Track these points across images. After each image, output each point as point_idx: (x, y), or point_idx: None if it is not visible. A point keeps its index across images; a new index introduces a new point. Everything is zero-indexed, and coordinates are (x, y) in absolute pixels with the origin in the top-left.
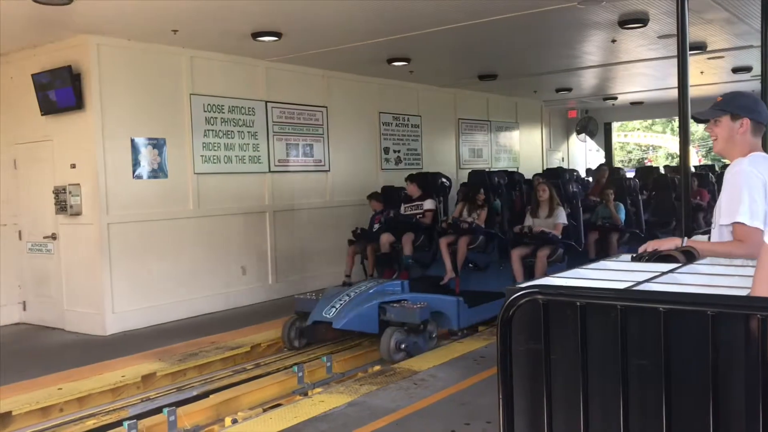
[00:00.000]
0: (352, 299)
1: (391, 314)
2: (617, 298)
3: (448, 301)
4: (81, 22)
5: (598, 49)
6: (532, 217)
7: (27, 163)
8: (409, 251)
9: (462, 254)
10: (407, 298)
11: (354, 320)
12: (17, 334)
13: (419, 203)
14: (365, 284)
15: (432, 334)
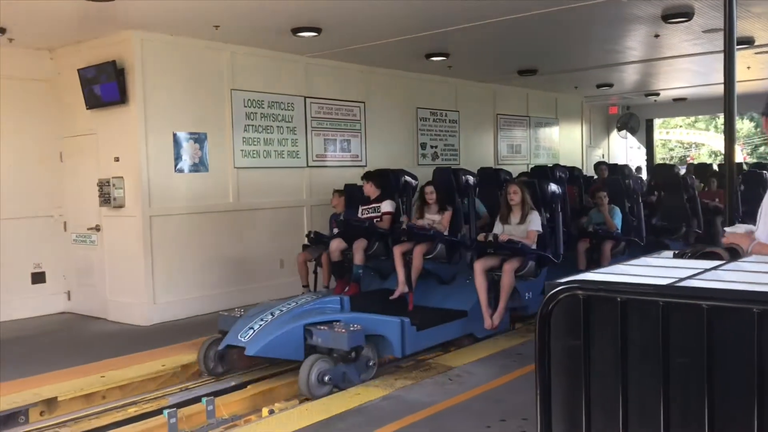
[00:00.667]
0: (275, 319)
1: (318, 338)
2: (659, 294)
3: (389, 323)
4: (125, 18)
5: (640, 44)
6: (502, 224)
7: (72, 156)
8: (360, 260)
9: (417, 265)
10: (341, 319)
11: (272, 346)
12: (62, 323)
13: (377, 205)
14: (296, 300)
15: (369, 362)
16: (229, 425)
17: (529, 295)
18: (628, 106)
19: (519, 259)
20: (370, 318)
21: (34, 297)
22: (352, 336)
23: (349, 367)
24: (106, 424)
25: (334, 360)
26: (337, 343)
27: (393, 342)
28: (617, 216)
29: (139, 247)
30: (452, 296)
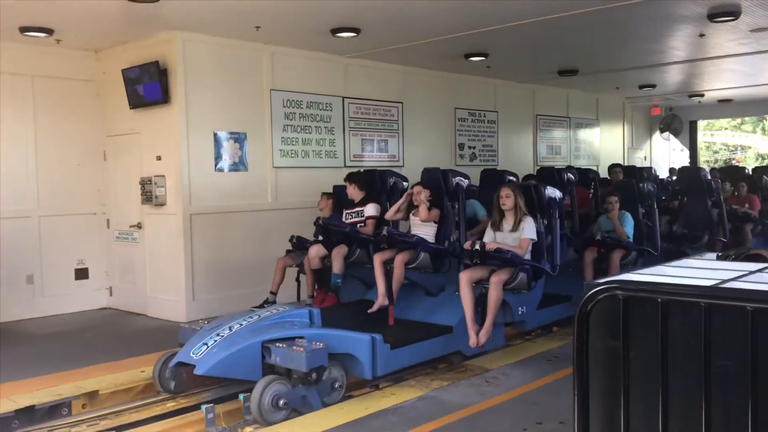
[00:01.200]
0: (231, 334)
1: (276, 357)
2: (701, 296)
3: (358, 341)
4: (168, 19)
5: (684, 44)
6: (493, 231)
7: (116, 155)
8: (339, 269)
9: (398, 275)
10: (304, 335)
11: (224, 364)
12: (104, 318)
13: (360, 209)
14: (260, 312)
15: (335, 383)
16: None
17: (522, 310)
18: (671, 108)
19: (509, 270)
20: (337, 334)
21: (78, 293)
22: (311, 355)
23: (310, 390)
24: (145, 417)
25: (293, 382)
26: (295, 363)
27: (362, 361)
28: (628, 223)
29: (179, 245)
30: (438, 310)
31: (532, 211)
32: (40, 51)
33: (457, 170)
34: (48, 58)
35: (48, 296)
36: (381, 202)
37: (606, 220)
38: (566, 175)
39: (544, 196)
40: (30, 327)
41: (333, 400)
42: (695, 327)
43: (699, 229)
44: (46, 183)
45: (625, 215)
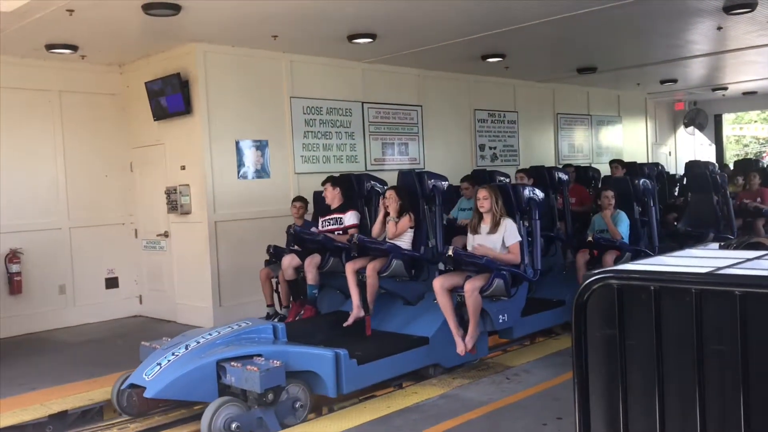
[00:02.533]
0: (186, 353)
1: (231, 377)
2: (692, 282)
3: (320, 357)
4: (188, 32)
5: (703, 38)
6: (472, 234)
7: (141, 166)
8: (313, 279)
9: (372, 284)
10: (262, 353)
11: (176, 386)
12: (135, 326)
13: (339, 216)
14: (220, 329)
15: (296, 404)
16: None
17: (503, 318)
18: (695, 102)
19: (484, 276)
20: (298, 351)
21: (109, 301)
22: (266, 375)
23: (267, 412)
24: (171, 421)
25: (249, 403)
26: (249, 384)
27: (326, 380)
28: (622, 222)
29: (205, 252)
30: (414, 320)
31: (510, 213)
32: (66, 67)
33: (434, 173)
34: (74, 74)
35: (80, 305)
36: (359, 208)
37: (600, 219)
38: (557, 174)
39: (523, 197)
40: (63, 335)
41: (295, 421)
42: (688, 313)
43: (704, 226)
44: (75, 195)
45: (620, 214)
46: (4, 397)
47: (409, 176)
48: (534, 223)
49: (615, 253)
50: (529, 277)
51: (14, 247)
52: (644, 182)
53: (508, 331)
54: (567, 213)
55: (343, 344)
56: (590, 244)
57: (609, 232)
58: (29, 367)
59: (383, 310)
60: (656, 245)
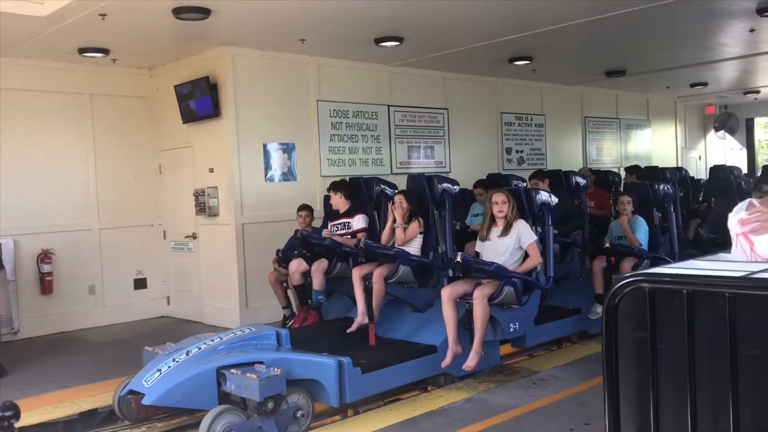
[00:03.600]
0: (187, 359)
1: (231, 385)
2: (726, 286)
3: (324, 366)
4: (217, 35)
5: (735, 40)
6: (482, 242)
7: (170, 168)
8: (319, 285)
9: (378, 291)
10: (264, 360)
11: (174, 393)
12: (163, 326)
13: (347, 220)
14: (223, 335)
15: (297, 413)
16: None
17: (514, 327)
18: (725, 105)
19: (494, 283)
20: (300, 359)
21: (137, 302)
22: (266, 383)
23: (268, 421)
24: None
25: (249, 412)
26: (248, 392)
27: (328, 388)
28: (640, 228)
29: (232, 254)
30: (423, 328)
31: (523, 218)
32: (97, 70)
33: (444, 176)
34: (105, 77)
35: (109, 306)
36: (367, 212)
37: (618, 225)
38: (575, 178)
39: (536, 201)
40: (92, 335)
41: (297, 430)
42: (721, 317)
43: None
44: (106, 197)
45: (638, 220)
46: (36, 395)
47: (418, 180)
48: (547, 229)
49: (633, 260)
50: (541, 284)
51: (46, 248)
52: (664, 187)
53: (520, 339)
54: (585, 218)
55: (348, 352)
56: (607, 251)
57: (627, 239)
58: (60, 365)
59: (391, 317)
60: (676, 252)
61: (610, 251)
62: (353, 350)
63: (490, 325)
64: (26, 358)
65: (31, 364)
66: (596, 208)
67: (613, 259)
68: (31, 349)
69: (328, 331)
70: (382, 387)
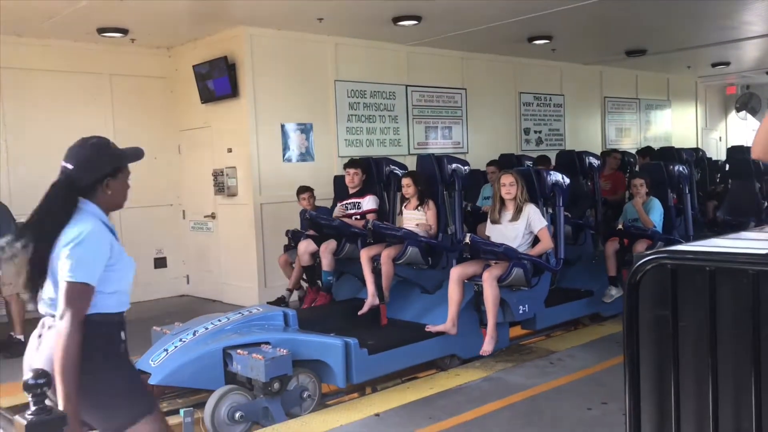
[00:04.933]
0: (193, 339)
1: (237, 365)
2: (750, 263)
3: (330, 346)
4: (235, 15)
5: (759, 19)
6: (492, 224)
7: (189, 149)
8: (328, 266)
9: (387, 272)
10: (270, 340)
11: (181, 373)
12: (182, 305)
13: (357, 200)
14: (230, 315)
15: (304, 393)
16: None
17: (524, 309)
18: (747, 86)
19: (503, 265)
20: (307, 339)
21: (157, 281)
22: (272, 364)
23: (273, 401)
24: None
25: (254, 392)
26: (254, 372)
27: (335, 369)
28: (655, 210)
29: (251, 234)
30: (432, 309)
31: (534, 199)
32: (116, 51)
33: (454, 156)
34: (124, 57)
35: None
36: (377, 193)
37: (632, 207)
38: (588, 158)
39: (547, 182)
40: None
41: (302, 412)
42: (745, 295)
43: (744, 215)
44: None
45: (652, 201)
46: None
47: (428, 160)
48: (558, 210)
49: (646, 242)
50: (551, 266)
51: None
52: (680, 168)
53: (530, 321)
54: (598, 200)
55: (356, 333)
56: (620, 233)
57: (641, 221)
58: None
59: (400, 298)
60: (691, 234)
61: (623, 233)
62: (361, 331)
63: (499, 307)
64: None
65: None
66: (611, 192)
67: (626, 241)
68: None
69: (337, 311)
70: (389, 368)
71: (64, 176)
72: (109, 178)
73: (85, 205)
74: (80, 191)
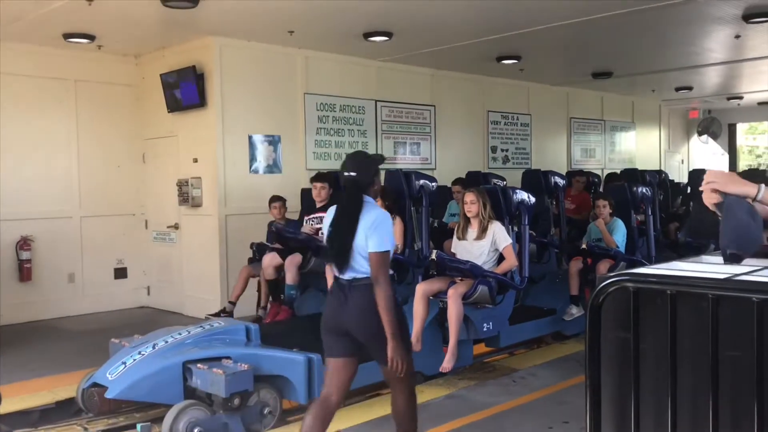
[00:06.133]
0: (153, 353)
1: (197, 380)
2: (709, 287)
3: (293, 362)
4: (205, 25)
5: (720, 46)
6: (459, 240)
7: (154, 158)
8: (293, 279)
9: None
10: (231, 355)
11: (139, 387)
12: (142, 316)
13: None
14: (190, 328)
15: (264, 409)
16: None
17: (488, 326)
18: (709, 110)
19: (469, 282)
20: (268, 355)
21: (117, 292)
22: (232, 379)
23: (233, 417)
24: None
25: (214, 407)
26: (214, 388)
27: (296, 384)
28: (618, 230)
29: (215, 245)
30: None
31: (499, 217)
32: (82, 57)
33: (422, 173)
34: (90, 64)
35: (89, 294)
36: None
37: (596, 226)
38: (553, 178)
39: (513, 201)
40: (71, 324)
41: (263, 428)
42: (704, 318)
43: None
44: (88, 184)
45: (616, 221)
46: (12, 382)
47: (396, 176)
48: (523, 228)
49: (609, 261)
50: (516, 284)
51: (25, 234)
52: (642, 190)
53: (494, 339)
54: (562, 219)
55: (319, 348)
56: (584, 252)
57: (605, 241)
58: (37, 353)
59: None
60: (653, 255)
61: (586, 252)
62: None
63: (463, 324)
64: (3, 346)
65: (8, 351)
66: (575, 212)
67: (590, 261)
68: (8, 336)
69: (300, 326)
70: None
71: (351, 181)
72: (376, 178)
73: (366, 199)
74: (362, 190)
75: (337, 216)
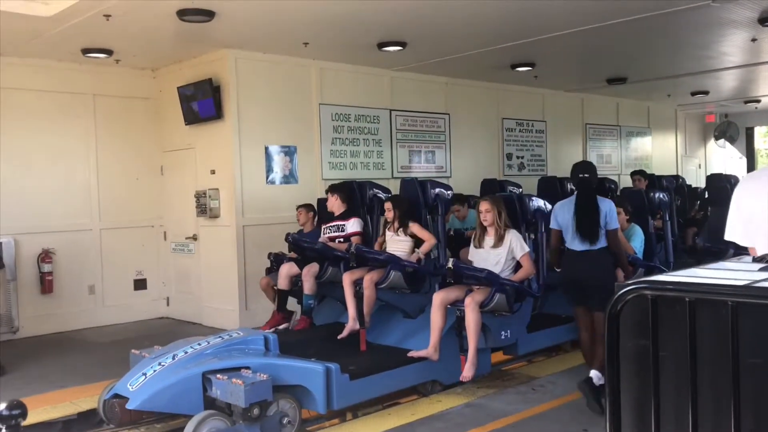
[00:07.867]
0: (173, 363)
1: (216, 390)
2: (728, 294)
3: (312, 372)
4: (221, 38)
5: (736, 49)
6: (476, 248)
7: (172, 170)
8: (310, 289)
9: (369, 296)
10: (251, 365)
11: (160, 398)
12: (162, 327)
13: (341, 223)
14: (210, 339)
15: (283, 419)
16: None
17: (506, 334)
18: (726, 114)
19: (486, 290)
20: (287, 364)
21: (137, 303)
22: (251, 389)
23: (253, 428)
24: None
25: (234, 418)
26: (234, 398)
27: (316, 395)
28: (636, 236)
29: (233, 256)
30: (414, 334)
31: (516, 225)
32: (100, 71)
33: (437, 181)
34: (108, 78)
35: (108, 306)
36: (362, 216)
37: None
38: (569, 185)
39: (529, 208)
40: (91, 335)
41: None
42: (723, 326)
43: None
44: (107, 197)
45: (633, 228)
46: (35, 394)
47: (411, 185)
48: (540, 236)
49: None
50: (533, 292)
51: (46, 247)
52: (660, 195)
53: (512, 347)
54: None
55: (337, 358)
56: None
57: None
58: (59, 365)
59: (382, 322)
60: (671, 261)
61: None
62: (342, 356)
63: (481, 332)
64: (25, 358)
65: (30, 363)
66: None
67: None
68: (30, 348)
69: (318, 336)
70: (370, 394)
71: (585, 182)
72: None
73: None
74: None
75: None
